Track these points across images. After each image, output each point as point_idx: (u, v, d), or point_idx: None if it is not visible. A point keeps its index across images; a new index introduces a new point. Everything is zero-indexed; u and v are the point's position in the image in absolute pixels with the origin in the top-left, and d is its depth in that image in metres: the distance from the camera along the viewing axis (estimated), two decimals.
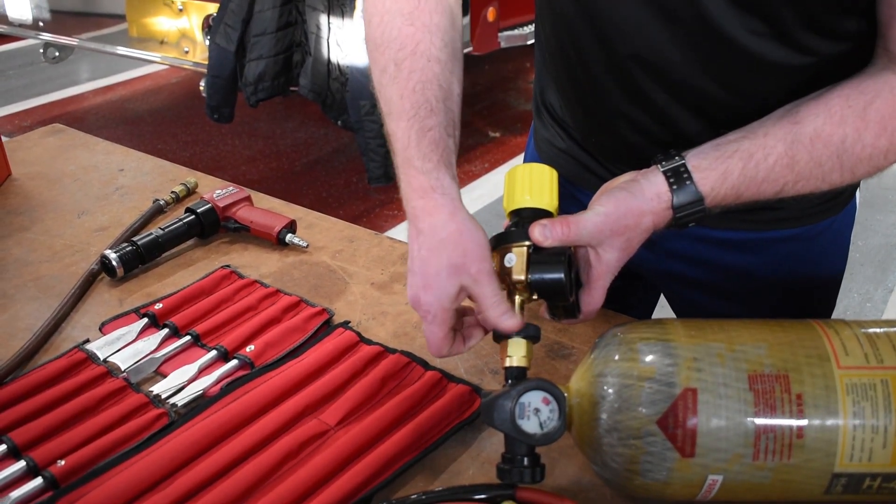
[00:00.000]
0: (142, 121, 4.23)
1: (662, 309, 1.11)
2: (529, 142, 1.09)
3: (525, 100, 4.48)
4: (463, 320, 0.73)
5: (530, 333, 0.69)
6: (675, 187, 0.69)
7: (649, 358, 0.63)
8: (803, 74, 0.74)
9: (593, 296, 0.71)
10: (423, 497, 0.67)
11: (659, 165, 0.71)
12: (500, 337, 0.69)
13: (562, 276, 0.67)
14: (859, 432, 0.59)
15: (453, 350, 0.71)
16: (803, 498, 0.63)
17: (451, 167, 0.70)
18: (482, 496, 0.67)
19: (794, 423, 0.60)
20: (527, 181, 0.72)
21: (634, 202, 0.70)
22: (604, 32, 0.78)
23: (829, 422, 0.60)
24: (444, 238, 0.67)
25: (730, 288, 0.97)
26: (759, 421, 0.60)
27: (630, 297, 1.09)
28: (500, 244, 0.71)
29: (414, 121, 0.70)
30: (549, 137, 1.01)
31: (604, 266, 0.70)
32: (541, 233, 0.68)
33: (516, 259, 0.69)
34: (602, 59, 0.81)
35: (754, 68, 0.74)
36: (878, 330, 0.64)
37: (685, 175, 0.69)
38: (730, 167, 0.69)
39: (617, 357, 0.65)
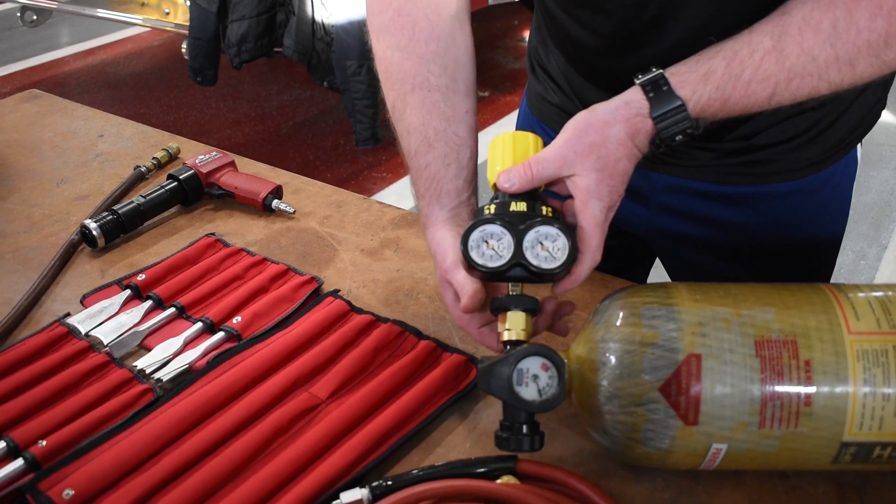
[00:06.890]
0: (124, 85, 4.15)
1: (659, 273, 1.09)
2: (523, 99, 1.06)
3: (514, 58, 4.41)
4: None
5: (528, 306, 0.66)
6: (651, 95, 0.65)
7: (652, 322, 0.61)
8: None
9: (585, 230, 0.65)
10: (420, 474, 0.65)
11: (636, 79, 0.67)
12: (498, 310, 0.67)
13: (462, 246, 0.64)
14: (870, 400, 0.57)
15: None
16: (811, 467, 0.62)
17: (444, 195, 0.75)
18: (481, 470, 0.66)
19: (802, 390, 0.58)
20: (499, 151, 0.69)
21: (595, 117, 0.66)
22: None
23: (839, 389, 0.58)
24: (433, 259, 0.75)
25: (726, 246, 0.94)
26: (766, 388, 0.58)
27: (624, 258, 1.06)
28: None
29: (414, 159, 0.76)
30: (541, 92, 0.98)
31: (582, 192, 0.65)
32: (505, 178, 0.66)
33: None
34: (596, 18, 0.78)
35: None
36: (891, 293, 0.62)
37: (662, 83, 0.65)
38: (711, 67, 0.65)
39: (618, 322, 0.63)
